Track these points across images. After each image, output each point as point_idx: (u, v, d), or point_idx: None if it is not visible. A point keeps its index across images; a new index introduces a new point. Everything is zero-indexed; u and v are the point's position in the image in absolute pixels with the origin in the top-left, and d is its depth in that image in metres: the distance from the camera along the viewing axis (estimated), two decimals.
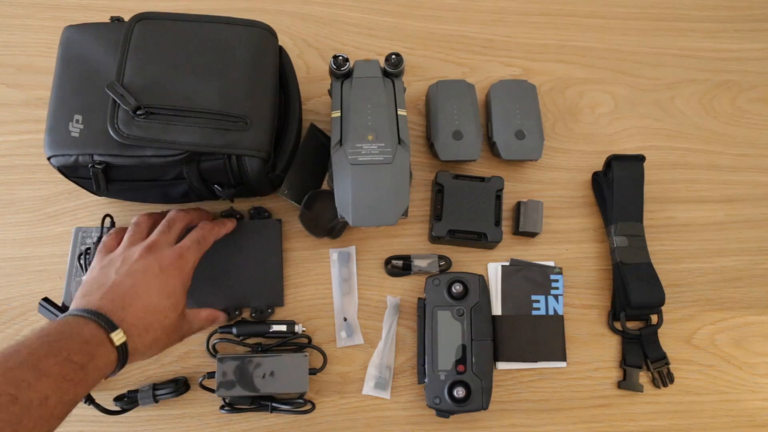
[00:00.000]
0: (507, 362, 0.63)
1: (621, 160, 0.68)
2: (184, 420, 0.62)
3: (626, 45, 0.77)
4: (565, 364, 0.64)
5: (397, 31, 0.76)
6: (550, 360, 0.64)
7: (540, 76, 0.75)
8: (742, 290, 0.69)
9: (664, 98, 0.75)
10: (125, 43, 0.57)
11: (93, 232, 0.63)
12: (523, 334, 0.64)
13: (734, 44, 0.78)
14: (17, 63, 0.72)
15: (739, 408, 0.65)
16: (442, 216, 0.65)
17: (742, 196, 0.72)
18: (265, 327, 0.63)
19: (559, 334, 0.65)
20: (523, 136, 0.68)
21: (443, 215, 0.65)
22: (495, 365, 0.64)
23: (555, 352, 0.64)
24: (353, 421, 0.63)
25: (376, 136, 0.58)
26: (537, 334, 0.64)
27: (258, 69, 0.59)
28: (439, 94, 0.69)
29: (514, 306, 0.65)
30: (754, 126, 0.75)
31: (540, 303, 0.65)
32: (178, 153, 0.55)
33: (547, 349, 0.64)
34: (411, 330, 0.65)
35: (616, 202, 0.67)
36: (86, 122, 0.56)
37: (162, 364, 0.63)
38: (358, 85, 0.61)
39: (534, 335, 0.64)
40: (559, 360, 0.64)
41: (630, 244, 0.66)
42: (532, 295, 0.65)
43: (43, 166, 0.64)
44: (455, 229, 0.65)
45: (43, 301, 0.61)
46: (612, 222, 0.67)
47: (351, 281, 0.66)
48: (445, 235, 0.65)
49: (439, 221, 0.65)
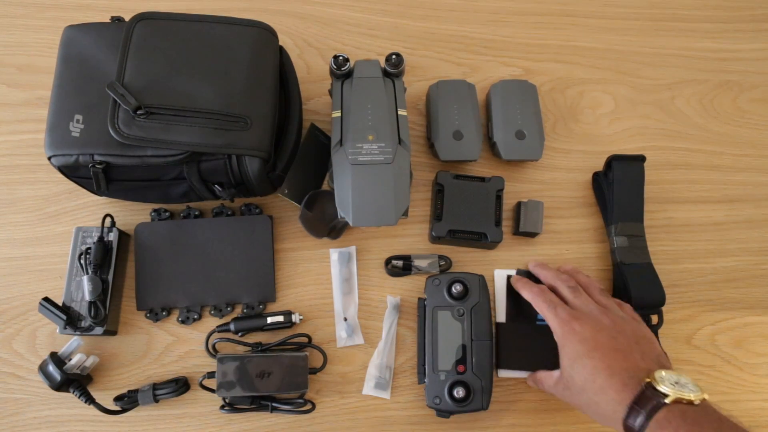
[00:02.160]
0: (509, 370, 0.63)
1: (621, 161, 0.68)
2: (184, 420, 0.62)
3: (626, 45, 0.77)
4: None
5: (398, 31, 0.76)
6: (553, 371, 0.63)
7: (540, 76, 0.75)
8: (743, 290, 0.69)
9: (665, 98, 0.75)
10: (126, 43, 0.57)
11: (93, 232, 0.63)
12: (526, 343, 0.63)
13: (734, 44, 0.78)
14: (18, 63, 0.72)
15: (740, 408, 0.65)
16: (442, 216, 0.65)
17: (742, 196, 0.72)
18: (262, 320, 0.63)
19: None
20: (524, 136, 0.68)
21: (443, 215, 0.65)
22: (496, 372, 0.63)
23: (558, 362, 0.63)
24: (353, 421, 0.63)
25: (376, 136, 0.58)
26: (540, 343, 0.63)
27: (258, 69, 0.59)
28: (439, 94, 0.69)
29: (519, 315, 0.64)
30: (754, 126, 0.75)
31: None
32: (179, 153, 0.55)
33: (549, 359, 0.63)
34: (411, 330, 0.65)
35: (617, 202, 0.67)
36: (87, 122, 0.56)
37: (162, 364, 0.63)
38: (359, 85, 0.61)
39: (537, 345, 0.63)
40: None
41: (630, 244, 0.66)
42: None
43: (44, 165, 0.64)
44: (455, 229, 0.65)
45: (44, 301, 0.61)
46: (612, 222, 0.67)
47: (351, 281, 0.66)
48: (445, 235, 0.65)
49: (439, 221, 0.65)
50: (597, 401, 0.49)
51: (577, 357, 0.52)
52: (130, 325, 0.64)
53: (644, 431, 0.45)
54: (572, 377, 0.52)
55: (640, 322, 0.56)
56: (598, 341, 0.51)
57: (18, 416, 0.61)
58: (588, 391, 0.50)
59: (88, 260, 0.62)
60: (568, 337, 0.53)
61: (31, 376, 0.62)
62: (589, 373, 0.50)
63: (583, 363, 0.51)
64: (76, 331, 0.60)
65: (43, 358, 0.60)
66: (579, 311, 0.55)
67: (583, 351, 0.51)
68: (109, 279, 0.62)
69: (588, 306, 0.55)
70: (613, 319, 0.54)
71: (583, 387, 0.51)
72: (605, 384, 0.49)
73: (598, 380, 0.49)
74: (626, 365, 0.49)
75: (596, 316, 0.54)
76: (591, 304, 0.56)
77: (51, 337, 0.63)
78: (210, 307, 0.64)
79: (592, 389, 0.50)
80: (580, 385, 0.51)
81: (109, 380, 0.63)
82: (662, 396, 0.45)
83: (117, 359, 0.63)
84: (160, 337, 0.64)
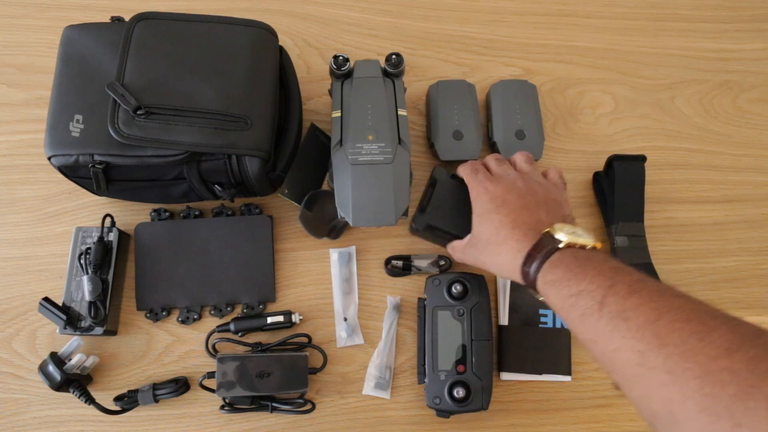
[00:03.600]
0: (511, 373, 0.63)
1: (622, 160, 0.68)
2: (184, 420, 0.62)
3: (626, 45, 0.77)
4: (570, 379, 0.64)
5: (398, 31, 0.76)
6: (555, 373, 0.63)
7: (540, 76, 0.75)
8: (743, 290, 0.69)
9: (665, 98, 0.75)
10: (126, 43, 0.57)
11: (93, 232, 0.63)
12: (529, 347, 0.63)
13: (734, 44, 0.78)
14: (18, 63, 0.72)
15: None
16: (426, 209, 0.61)
17: (742, 196, 0.72)
18: (262, 320, 0.63)
19: (565, 349, 0.64)
20: (524, 136, 0.68)
21: (428, 208, 0.61)
22: (499, 375, 0.63)
23: (560, 366, 0.63)
24: (353, 421, 0.63)
25: (376, 136, 0.58)
26: (543, 347, 0.63)
27: (258, 69, 0.59)
28: (439, 94, 0.69)
29: (522, 318, 0.64)
30: (754, 126, 0.75)
31: (548, 317, 0.64)
32: (179, 153, 0.55)
33: (552, 362, 0.63)
34: (411, 330, 0.65)
35: (617, 202, 0.67)
36: (87, 122, 0.56)
37: (162, 363, 0.63)
38: (359, 85, 0.61)
39: (540, 348, 0.63)
40: (564, 374, 0.63)
41: (631, 244, 0.66)
42: (540, 309, 0.65)
43: (44, 165, 0.64)
44: (434, 226, 0.61)
45: (44, 300, 0.61)
46: (613, 222, 0.67)
47: (351, 281, 0.66)
48: (422, 229, 0.62)
49: (422, 213, 0.61)
50: (498, 252, 0.52)
51: (484, 212, 0.54)
52: (130, 325, 0.64)
53: (538, 273, 0.47)
54: (480, 233, 0.54)
55: (557, 186, 0.57)
56: (507, 199, 0.53)
57: (18, 416, 0.61)
58: (492, 244, 0.53)
59: (88, 260, 0.62)
60: (480, 196, 0.55)
61: (31, 376, 0.62)
62: (494, 227, 0.52)
63: (491, 218, 0.53)
64: (76, 331, 0.60)
65: (43, 358, 0.60)
66: (496, 175, 0.57)
67: (492, 207, 0.54)
68: (109, 279, 0.62)
69: (507, 172, 0.57)
70: (527, 182, 0.55)
71: (488, 241, 0.53)
72: (507, 235, 0.51)
73: (501, 232, 0.52)
74: (529, 220, 0.52)
75: (512, 179, 0.56)
76: (511, 171, 0.57)
77: (51, 337, 0.63)
78: (210, 307, 0.64)
79: (495, 241, 0.52)
80: (486, 239, 0.53)
81: (109, 380, 0.63)
82: (557, 242, 0.47)
83: (117, 359, 0.63)
84: (160, 337, 0.64)
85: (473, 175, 0.57)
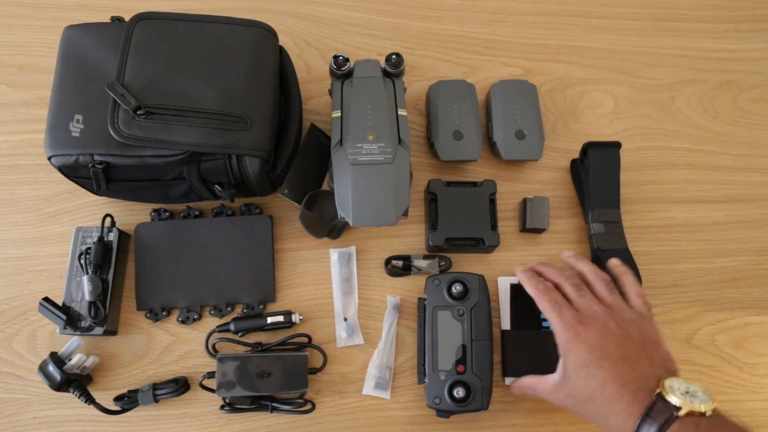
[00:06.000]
0: (515, 378, 0.63)
1: (597, 147, 0.68)
2: (184, 420, 0.62)
3: (626, 45, 0.77)
4: None
5: (398, 31, 0.76)
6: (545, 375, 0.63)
7: (540, 76, 0.75)
8: (742, 290, 0.69)
9: (664, 98, 0.75)
10: (126, 43, 0.57)
11: (93, 232, 0.63)
12: (532, 350, 0.63)
13: (734, 44, 0.78)
14: (18, 63, 0.72)
15: (740, 408, 0.65)
16: (437, 225, 0.65)
17: (742, 196, 0.72)
18: (262, 320, 0.63)
19: None
20: (524, 136, 0.68)
21: (439, 224, 0.65)
22: (503, 380, 0.63)
23: None
24: (353, 421, 0.63)
25: (376, 136, 0.58)
26: (545, 350, 0.62)
27: (258, 69, 0.59)
28: (439, 94, 0.69)
29: (523, 322, 0.64)
30: (754, 126, 0.75)
31: None
32: (179, 153, 0.55)
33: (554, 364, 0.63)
34: (411, 330, 0.65)
35: (593, 188, 0.67)
36: (87, 122, 0.56)
37: (162, 363, 0.63)
38: (359, 85, 0.61)
39: (542, 351, 0.62)
40: None
41: (607, 230, 0.66)
42: (542, 314, 0.64)
43: (44, 165, 0.64)
44: (452, 237, 0.64)
45: (44, 301, 0.61)
46: (589, 209, 0.67)
47: (351, 281, 0.66)
48: (442, 244, 0.64)
49: (435, 230, 0.64)
50: (606, 412, 0.49)
51: (584, 365, 0.50)
52: (130, 325, 0.64)
53: None
54: (578, 385, 0.51)
55: (645, 318, 0.55)
56: (606, 349, 0.50)
57: (18, 416, 0.61)
58: (597, 401, 0.49)
59: (88, 260, 0.62)
60: (574, 343, 0.52)
61: (31, 376, 0.62)
62: (598, 383, 0.49)
63: (592, 372, 0.50)
64: (76, 331, 0.60)
65: (43, 358, 0.60)
66: (584, 314, 0.54)
67: (591, 360, 0.50)
68: (109, 279, 0.62)
69: (593, 307, 0.54)
70: (619, 322, 0.53)
71: (591, 397, 0.50)
72: (615, 395, 0.48)
73: (607, 391, 0.48)
74: (635, 375, 0.49)
75: (602, 320, 0.53)
76: (596, 305, 0.54)
77: (51, 337, 0.63)
78: (210, 307, 0.64)
79: (601, 400, 0.49)
80: (588, 395, 0.50)
81: (109, 380, 0.63)
82: (674, 408, 0.45)
83: (117, 359, 0.63)
84: (160, 337, 0.64)
85: (556, 312, 0.54)
